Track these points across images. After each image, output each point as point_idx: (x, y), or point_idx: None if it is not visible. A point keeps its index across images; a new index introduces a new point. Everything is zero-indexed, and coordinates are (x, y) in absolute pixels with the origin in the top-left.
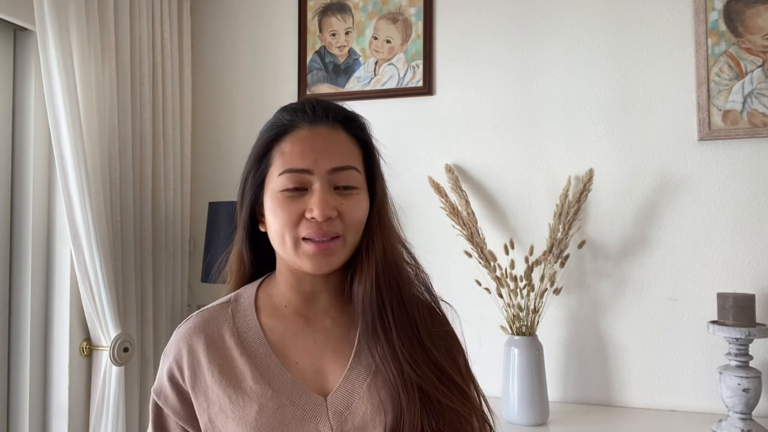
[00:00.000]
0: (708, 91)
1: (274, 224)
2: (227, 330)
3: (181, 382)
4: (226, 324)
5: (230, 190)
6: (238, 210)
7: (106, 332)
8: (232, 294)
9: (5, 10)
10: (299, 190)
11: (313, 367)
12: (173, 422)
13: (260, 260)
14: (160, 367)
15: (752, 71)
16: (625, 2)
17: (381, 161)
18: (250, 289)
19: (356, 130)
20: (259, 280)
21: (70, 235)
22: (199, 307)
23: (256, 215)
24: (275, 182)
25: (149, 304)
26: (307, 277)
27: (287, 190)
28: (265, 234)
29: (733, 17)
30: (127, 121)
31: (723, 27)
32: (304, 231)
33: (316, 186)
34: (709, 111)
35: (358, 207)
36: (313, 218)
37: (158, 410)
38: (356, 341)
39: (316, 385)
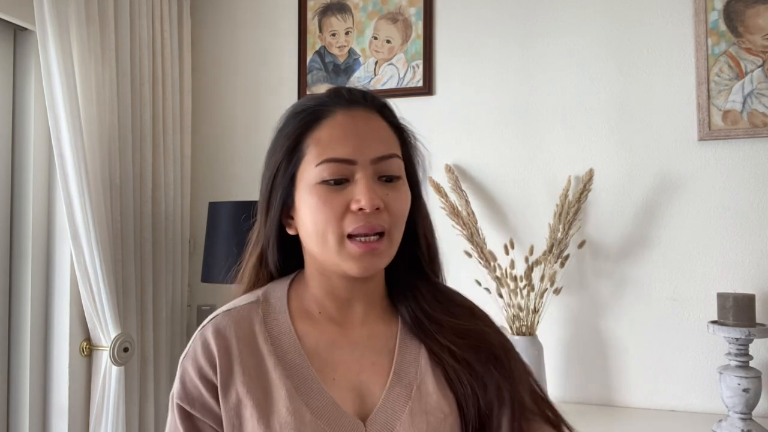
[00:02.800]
0: (708, 91)
1: (314, 221)
2: (260, 333)
3: (215, 380)
4: (257, 326)
5: (230, 190)
6: (264, 211)
7: (106, 332)
8: (259, 292)
9: (5, 10)
10: (340, 182)
11: (351, 384)
12: (210, 430)
13: (286, 265)
14: (182, 371)
15: (752, 71)
16: (625, 2)
17: (419, 149)
18: (279, 289)
19: (392, 117)
20: (288, 279)
21: (70, 235)
22: (199, 307)
23: (281, 217)
24: (311, 174)
25: (149, 304)
26: (342, 281)
27: (326, 182)
28: (291, 236)
29: (733, 17)
30: (127, 121)
31: (723, 27)
32: (350, 226)
33: (360, 176)
34: (709, 111)
35: (404, 198)
36: (360, 210)
37: (189, 420)
38: (396, 354)
39: (354, 406)
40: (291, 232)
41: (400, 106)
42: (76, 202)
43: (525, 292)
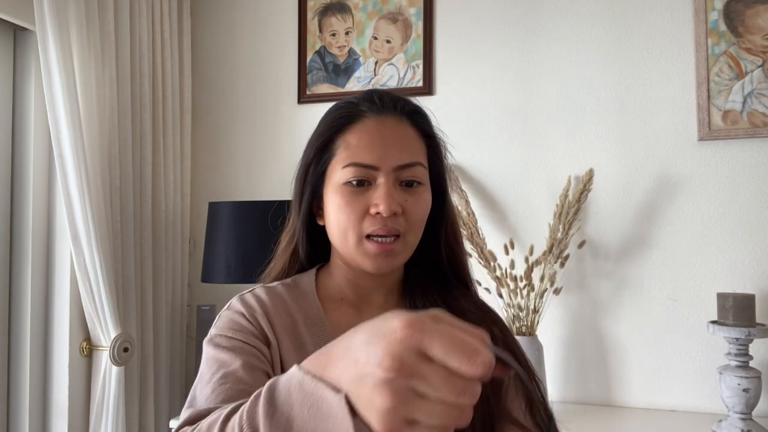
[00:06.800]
0: (708, 91)
1: (337, 219)
2: (292, 306)
3: (263, 326)
4: (290, 301)
5: (230, 190)
6: (296, 203)
7: (106, 332)
8: (288, 279)
9: (5, 10)
10: (363, 184)
11: None
12: (255, 351)
13: (315, 255)
14: (227, 315)
15: (752, 71)
16: (625, 2)
17: (447, 156)
18: (307, 277)
19: (422, 123)
20: (314, 270)
21: (70, 235)
22: (199, 307)
23: (313, 209)
24: (338, 174)
25: (149, 304)
26: (363, 272)
27: (350, 183)
28: (321, 227)
29: (733, 17)
30: (127, 121)
31: (723, 27)
32: (368, 227)
33: (381, 181)
34: (709, 111)
35: (422, 203)
36: (378, 213)
37: (234, 342)
38: None
39: None
40: (320, 222)
41: None
42: (76, 202)
43: (525, 292)
